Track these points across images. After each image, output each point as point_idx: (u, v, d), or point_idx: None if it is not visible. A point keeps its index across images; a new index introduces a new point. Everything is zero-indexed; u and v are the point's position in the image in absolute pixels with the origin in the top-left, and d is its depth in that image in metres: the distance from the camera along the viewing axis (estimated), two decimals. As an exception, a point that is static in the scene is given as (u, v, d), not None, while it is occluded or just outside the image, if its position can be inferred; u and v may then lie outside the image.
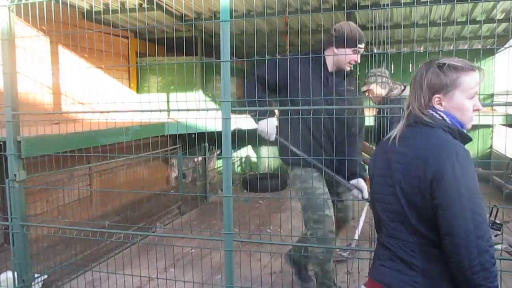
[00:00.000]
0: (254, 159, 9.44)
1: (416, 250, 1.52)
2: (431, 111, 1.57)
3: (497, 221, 2.33)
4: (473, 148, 6.27)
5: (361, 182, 2.99)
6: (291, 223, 3.64)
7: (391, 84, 4.04)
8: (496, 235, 2.74)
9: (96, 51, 5.52)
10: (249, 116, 3.05)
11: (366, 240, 4.23)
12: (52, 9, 3.14)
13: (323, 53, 3.07)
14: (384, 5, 5.18)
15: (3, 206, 4.24)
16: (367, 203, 4.31)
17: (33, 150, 3.40)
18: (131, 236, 3.93)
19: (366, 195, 2.98)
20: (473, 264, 1.39)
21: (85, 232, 3.56)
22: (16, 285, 3.30)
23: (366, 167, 2.26)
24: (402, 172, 1.53)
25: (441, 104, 1.58)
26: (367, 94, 4.00)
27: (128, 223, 4.89)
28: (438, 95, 1.57)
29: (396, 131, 1.62)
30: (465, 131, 1.60)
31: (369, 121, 3.85)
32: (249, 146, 9.31)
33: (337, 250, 4.22)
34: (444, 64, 1.56)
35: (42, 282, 3.68)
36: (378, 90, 3.99)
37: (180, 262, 4.21)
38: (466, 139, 1.59)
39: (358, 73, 3.09)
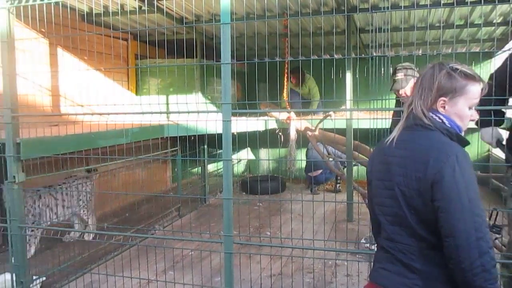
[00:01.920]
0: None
1: (416, 253, 1.52)
2: (431, 114, 1.58)
3: (497, 224, 2.33)
4: (472, 152, 6.28)
5: None
6: (291, 226, 3.64)
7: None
8: (495, 238, 2.74)
9: (96, 53, 5.51)
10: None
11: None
12: (52, 11, 3.14)
13: None
14: (383, 8, 5.18)
15: (1, 208, 4.22)
16: None
17: (32, 152, 3.39)
18: (130, 238, 3.92)
19: None
20: (474, 265, 1.39)
21: (82, 234, 3.55)
22: (14, 287, 3.29)
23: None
24: (401, 175, 1.53)
25: (444, 107, 1.58)
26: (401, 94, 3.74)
27: (127, 225, 4.88)
28: (444, 98, 1.58)
29: (394, 133, 1.62)
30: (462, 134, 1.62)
31: (371, 124, 3.84)
32: (248, 149, 9.31)
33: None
34: (457, 69, 1.57)
35: (40, 284, 3.67)
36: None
37: (180, 265, 4.20)
38: (464, 143, 1.59)
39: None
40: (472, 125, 2.14)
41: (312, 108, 7.29)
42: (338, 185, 7.66)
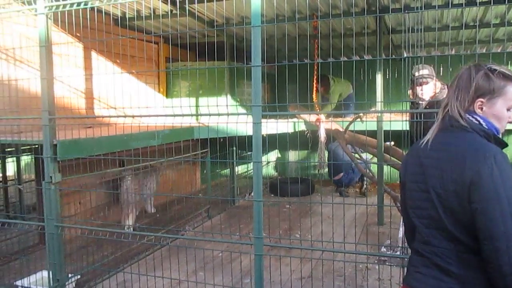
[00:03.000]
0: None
1: (452, 256, 1.49)
2: (467, 115, 1.56)
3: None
4: (509, 154, 6.09)
5: None
6: (321, 228, 3.61)
7: (437, 84, 3.88)
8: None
9: (128, 57, 5.63)
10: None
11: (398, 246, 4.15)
12: (88, 16, 3.23)
13: None
14: (416, 7, 5.09)
15: (39, 207, 4.36)
16: None
17: (68, 153, 3.49)
18: (161, 238, 3.98)
19: None
20: None
21: (117, 234, 3.62)
22: (51, 284, 3.39)
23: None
24: (437, 177, 1.50)
25: (481, 108, 1.56)
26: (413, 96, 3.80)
27: (158, 225, 4.95)
28: (482, 99, 1.55)
29: (429, 135, 1.60)
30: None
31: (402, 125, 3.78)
32: (278, 151, 9.30)
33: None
34: (495, 70, 1.55)
35: (75, 282, 3.77)
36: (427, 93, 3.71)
37: (210, 265, 4.23)
38: (502, 145, 1.56)
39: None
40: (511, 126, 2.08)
41: (326, 110, 7.12)
42: (364, 188, 7.57)
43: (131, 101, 5.33)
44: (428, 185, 1.53)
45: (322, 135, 6.22)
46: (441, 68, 7.62)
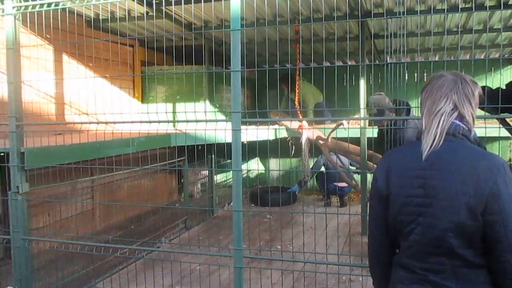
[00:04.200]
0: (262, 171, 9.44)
1: (448, 271, 1.50)
2: (458, 122, 1.58)
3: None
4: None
5: None
6: (303, 239, 3.62)
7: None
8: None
9: (102, 60, 5.58)
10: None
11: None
12: (59, 17, 3.19)
13: None
14: (399, 13, 5.19)
15: (5, 219, 4.26)
16: None
17: (37, 162, 3.43)
18: (135, 251, 3.93)
19: None
20: None
21: (88, 246, 3.57)
22: (17, 301, 3.31)
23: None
24: (444, 189, 1.50)
25: (472, 118, 1.60)
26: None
27: (133, 237, 4.89)
28: (473, 107, 1.60)
29: (426, 146, 1.56)
30: None
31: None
32: (258, 159, 9.31)
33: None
34: (474, 81, 1.62)
35: (43, 298, 3.68)
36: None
37: (187, 279, 4.20)
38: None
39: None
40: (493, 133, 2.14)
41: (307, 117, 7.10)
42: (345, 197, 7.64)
43: (105, 107, 5.27)
44: (430, 198, 1.52)
45: (305, 142, 6.26)
46: (425, 74, 7.77)
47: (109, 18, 5.69)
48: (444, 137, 1.55)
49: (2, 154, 3.66)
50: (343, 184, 7.29)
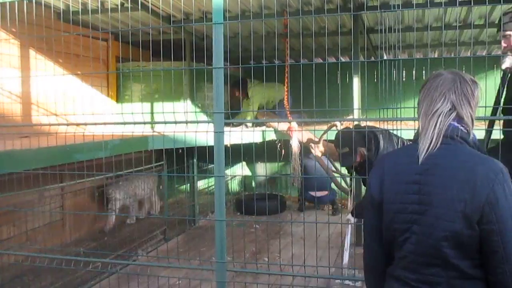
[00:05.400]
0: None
1: (443, 283, 1.53)
2: (456, 124, 1.60)
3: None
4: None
5: None
6: (292, 251, 3.64)
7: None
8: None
9: (73, 56, 5.55)
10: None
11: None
12: (25, 9, 3.17)
13: None
14: (394, 6, 5.25)
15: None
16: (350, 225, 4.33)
17: (1, 167, 3.40)
18: (110, 265, 3.91)
19: None
20: None
21: (58, 260, 3.54)
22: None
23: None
24: (439, 195, 1.52)
25: (472, 119, 1.63)
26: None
27: (106, 250, 4.86)
28: (472, 108, 1.63)
29: (422, 149, 1.58)
30: None
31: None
32: (243, 163, 9.32)
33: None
34: (474, 80, 1.64)
35: (7, 317, 3.65)
36: None
37: (165, 295, 4.19)
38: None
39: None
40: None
41: (245, 118, 6.95)
42: (335, 205, 7.72)
43: (75, 107, 5.24)
44: (425, 205, 1.54)
45: (295, 145, 6.28)
46: (423, 71, 7.87)
47: (80, 10, 5.66)
48: (441, 139, 1.57)
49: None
50: (322, 193, 7.37)
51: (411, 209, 1.57)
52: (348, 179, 5.39)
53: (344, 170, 5.55)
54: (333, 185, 7.15)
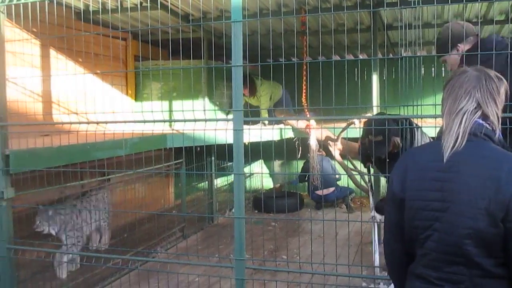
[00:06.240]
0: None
1: (466, 282, 1.51)
2: (481, 121, 1.59)
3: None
4: None
5: None
6: (311, 248, 3.62)
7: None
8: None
9: (92, 55, 5.60)
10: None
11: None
12: (46, 10, 3.21)
13: None
14: (414, 2, 5.19)
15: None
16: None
17: (22, 165, 3.45)
18: (129, 261, 3.95)
19: None
20: None
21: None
22: (2, 317, 3.33)
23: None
24: (462, 193, 1.51)
25: (497, 117, 1.61)
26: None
27: (126, 246, 4.91)
28: (498, 105, 1.61)
29: (447, 147, 1.56)
30: None
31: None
32: (262, 161, 9.32)
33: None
34: (499, 77, 1.63)
35: (30, 313, 3.70)
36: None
37: (185, 292, 4.21)
38: None
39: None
40: None
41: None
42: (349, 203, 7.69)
43: (95, 106, 5.30)
44: (447, 203, 1.53)
45: (313, 143, 6.26)
46: (442, 69, 7.77)
47: (100, 10, 5.71)
48: (466, 137, 1.55)
49: (-15, 157, 3.69)
50: (327, 191, 7.33)
51: (433, 206, 1.56)
52: (365, 177, 5.34)
53: (363, 169, 5.51)
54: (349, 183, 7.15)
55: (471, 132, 1.56)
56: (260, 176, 9.30)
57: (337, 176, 7.75)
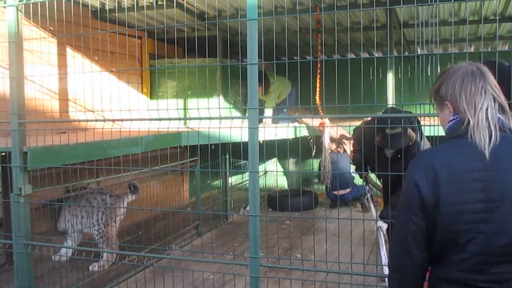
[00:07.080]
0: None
1: None
2: (505, 119, 1.57)
3: None
4: None
5: None
6: (325, 247, 3.61)
7: None
8: None
9: (108, 53, 5.64)
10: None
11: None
12: (63, 8, 3.24)
13: None
14: (430, 0, 5.14)
15: (6, 223, 4.34)
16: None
17: (40, 162, 3.48)
18: (144, 258, 3.97)
19: None
20: None
21: (94, 253, 3.61)
22: (19, 311, 3.36)
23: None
24: (511, 191, 1.48)
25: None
26: None
27: (141, 243, 4.93)
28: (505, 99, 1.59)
29: (484, 144, 1.50)
30: None
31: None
32: (276, 159, 9.31)
33: None
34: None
35: (47, 308, 3.74)
36: None
37: (199, 289, 4.22)
38: None
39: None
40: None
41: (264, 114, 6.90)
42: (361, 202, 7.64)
43: (111, 103, 5.33)
44: (495, 202, 1.48)
45: (327, 141, 6.24)
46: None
47: (116, 8, 5.76)
48: (499, 133, 1.51)
49: (4, 153, 3.74)
50: (344, 192, 7.29)
51: (477, 208, 1.49)
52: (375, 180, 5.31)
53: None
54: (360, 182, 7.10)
55: (500, 128, 1.52)
56: (274, 174, 9.29)
57: (352, 174, 7.71)
